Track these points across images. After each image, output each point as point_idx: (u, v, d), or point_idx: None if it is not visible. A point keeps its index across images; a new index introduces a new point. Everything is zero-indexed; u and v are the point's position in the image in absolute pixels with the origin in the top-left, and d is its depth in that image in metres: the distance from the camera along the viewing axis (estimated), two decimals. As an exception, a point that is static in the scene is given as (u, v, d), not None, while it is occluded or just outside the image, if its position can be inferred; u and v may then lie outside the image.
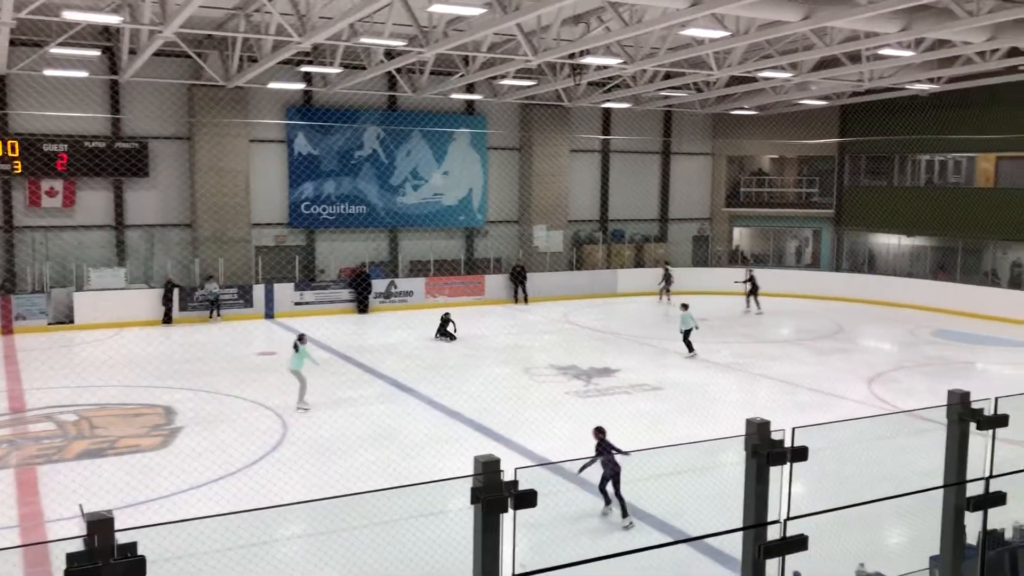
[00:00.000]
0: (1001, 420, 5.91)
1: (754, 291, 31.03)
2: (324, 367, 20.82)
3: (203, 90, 28.03)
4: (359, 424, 15.77)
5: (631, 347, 23.98)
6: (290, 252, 30.60)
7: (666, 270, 33.96)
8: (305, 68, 27.36)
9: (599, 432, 11.56)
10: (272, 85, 27.54)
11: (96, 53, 25.78)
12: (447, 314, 25.22)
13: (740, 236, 40.68)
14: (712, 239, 39.34)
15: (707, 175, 39.58)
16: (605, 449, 11.29)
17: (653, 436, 14.94)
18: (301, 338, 17.40)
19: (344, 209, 31.39)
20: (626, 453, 10.99)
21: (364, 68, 26.13)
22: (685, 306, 23.04)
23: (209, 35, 25.65)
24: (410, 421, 16.10)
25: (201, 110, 28.19)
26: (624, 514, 11.06)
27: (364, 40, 20.88)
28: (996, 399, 5.96)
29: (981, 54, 23.42)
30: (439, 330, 24.71)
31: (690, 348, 22.45)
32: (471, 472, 4.25)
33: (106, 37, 26.41)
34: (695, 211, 39.39)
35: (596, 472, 11.45)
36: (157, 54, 24.97)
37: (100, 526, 3.53)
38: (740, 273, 32.44)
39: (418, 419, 16.25)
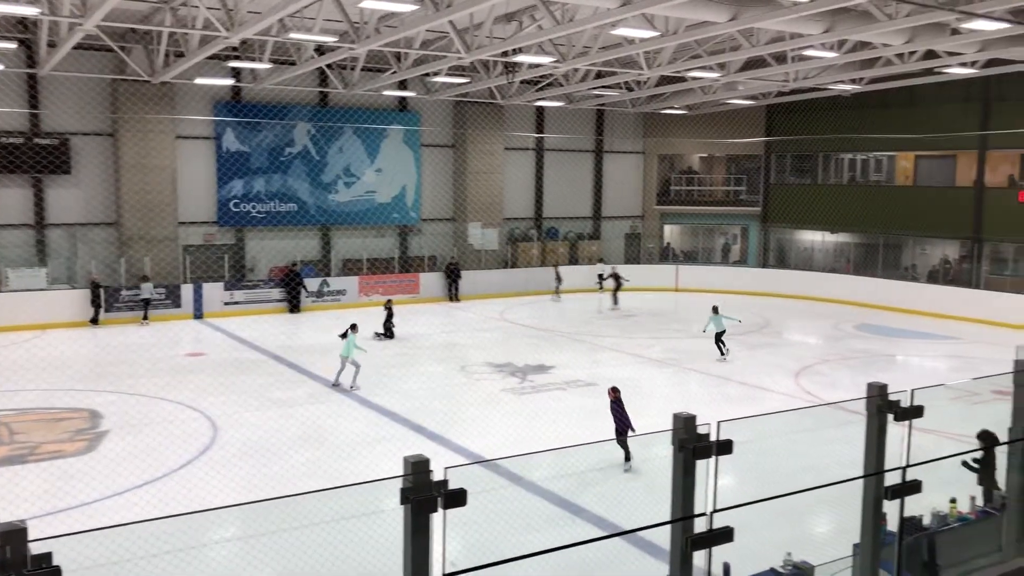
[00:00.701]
0: (916, 411, 6.12)
1: (618, 288, 31.34)
2: (255, 368, 20.48)
3: (127, 85, 27.28)
4: (291, 425, 15.55)
5: (566, 344, 24.14)
6: (219, 251, 29.99)
7: (556, 271, 33.88)
8: (233, 63, 26.83)
9: (614, 391, 13.63)
10: (199, 80, 26.94)
11: (12, 45, 24.89)
12: (389, 302, 25.06)
13: (671, 233, 41.31)
14: (644, 236, 39.86)
15: (639, 173, 40.07)
16: (617, 408, 13.34)
17: (587, 431, 15.04)
18: (353, 327, 18.96)
19: (274, 207, 30.89)
20: (632, 429, 13.02)
21: (294, 64, 25.76)
22: (716, 308, 22.29)
23: (133, 29, 24.97)
24: (343, 421, 15.93)
25: (125, 106, 27.43)
26: (627, 459, 12.97)
27: (294, 36, 20.57)
28: (912, 391, 6.17)
29: (900, 56, 24.19)
30: (384, 323, 24.42)
31: (722, 351, 21.74)
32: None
33: (23, 29, 25.51)
34: (627, 209, 39.84)
35: (535, 467, 11.50)
36: (78, 47, 24.23)
37: (12, 537, 3.41)
38: (606, 268, 33.04)
39: (352, 419, 16.09)
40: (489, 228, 35.08)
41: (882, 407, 6.03)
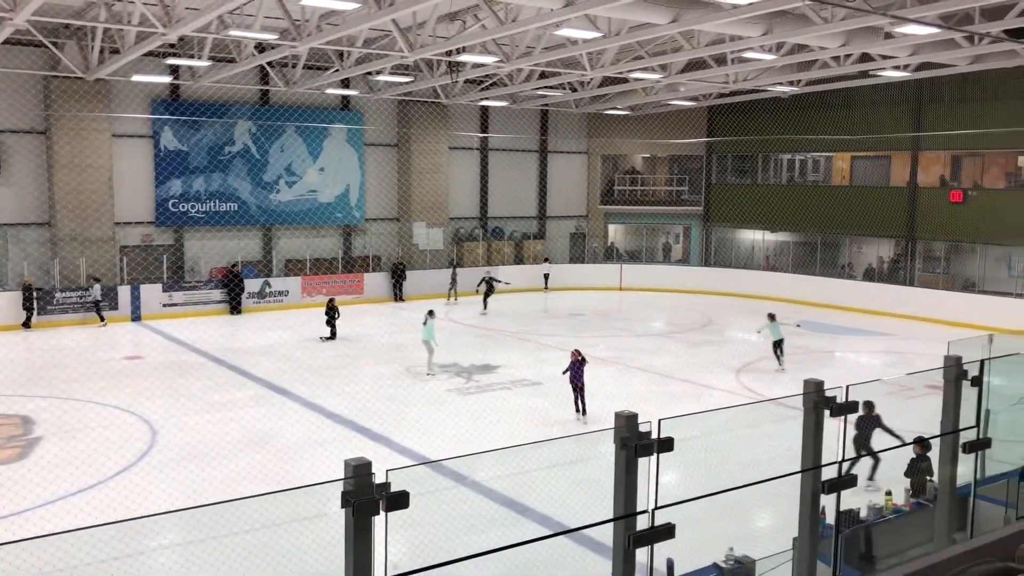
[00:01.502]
0: (852, 407, 6.27)
1: (489, 292, 30.46)
2: (195, 370, 20.12)
3: (60, 82, 26.53)
4: (233, 429, 15.30)
5: (512, 343, 24.19)
6: (158, 252, 29.38)
7: (452, 272, 32.71)
8: (172, 60, 26.32)
9: (577, 353, 16.30)
10: (136, 78, 26.35)
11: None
12: (332, 300, 24.81)
13: (615, 233, 41.66)
14: (588, 236, 40.13)
15: (583, 173, 40.32)
16: (576, 368, 15.97)
17: (534, 430, 15.11)
18: (431, 313, 20.69)
19: (214, 207, 30.38)
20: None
21: (234, 61, 25.35)
22: (772, 316, 21.32)
23: (66, 24, 24.31)
24: (286, 424, 15.74)
25: (59, 103, 26.68)
26: (582, 412, 15.86)
27: (234, 33, 20.23)
28: (847, 387, 6.32)
29: (836, 59, 24.75)
30: (328, 322, 24.22)
31: (780, 360, 20.77)
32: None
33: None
34: (572, 209, 40.07)
35: (480, 467, 11.50)
36: (8, 42, 23.52)
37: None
38: (491, 273, 31.89)
39: (295, 422, 15.91)
40: (434, 228, 34.98)
41: (818, 403, 6.16)
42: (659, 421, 5.22)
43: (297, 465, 13.33)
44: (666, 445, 5.14)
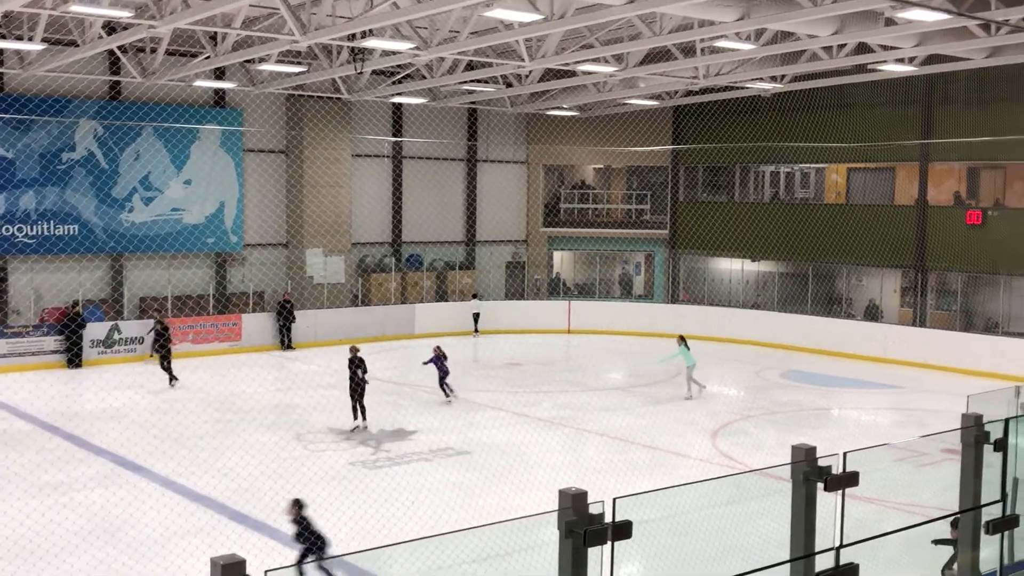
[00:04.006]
0: (851, 479, 6.38)
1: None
2: (21, 442, 19.56)
3: None
4: (71, 517, 14.95)
5: (432, 401, 24.12)
6: (-27, 288, 28.65)
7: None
8: (-7, 43, 25.86)
9: (439, 349, 23.45)
10: (-54, 64, 25.81)
11: None
12: (159, 322, 25.58)
13: (561, 261, 41.99)
14: (528, 266, 40.35)
15: (521, 188, 40.63)
16: (439, 362, 22.96)
17: (460, 512, 15.04)
18: (682, 338, 24.92)
19: (48, 229, 29.77)
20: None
21: (76, 45, 25.03)
22: (682, 339, 24.92)
23: None
24: (142, 510, 15.45)
25: None
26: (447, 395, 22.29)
27: (76, 9, 19.99)
28: (844, 454, 6.44)
29: (828, 49, 25.50)
30: (155, 343, 25.19)
31: (692, 387, 24.20)
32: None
33: None
34: (508, 232, 40.31)
35: (391, 562, 11.36)
36: None
37: None
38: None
39: (152, 507, 15.63)
40: (333, 256, 34.78)
41: (810, 475, 6.26)
42: (614, 500, 5.23)
43: (156, 563, 13.06)
44: (623, 531, 5.16)
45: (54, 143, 29.86)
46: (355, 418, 20.99)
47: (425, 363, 23.84)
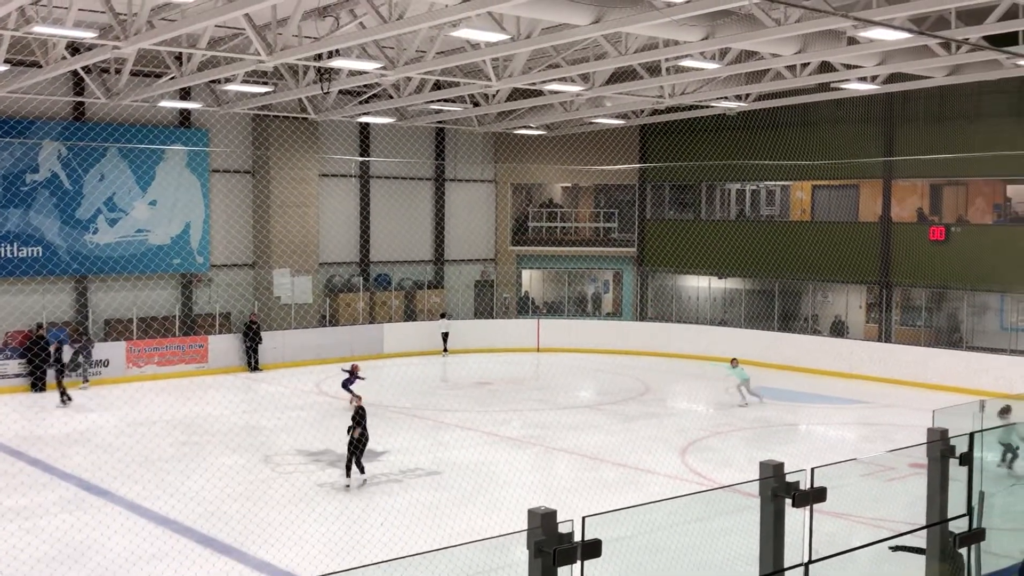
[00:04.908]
0: (819, 494, 6.41)
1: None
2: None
3: None
4: (35, 542, 14.78)
5: (402, 422, 24.03)
6: (-66, 311, 28.30)
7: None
8: (-45, 63, 25.63)
9: (355, 367, 24.87)
10: (-94, 85, 25.55)
11: None
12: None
13: (530, 280, 42.05)
14: (497, 285, 40.37)
15: (489, 207, 40.70)
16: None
17: (431, 533, 15.00)
18: (733, 361, 26.32)
19: (11, 251, 29.47)
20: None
21: (40, 66, 24.86)
22: (735, 361, 25.80)
23: None
24: (107, 535, 15.28)
25: None
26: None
27: (39, 29, 19.87)
28: (812, 470, 6.47)
29: (791, 68, 25.77)
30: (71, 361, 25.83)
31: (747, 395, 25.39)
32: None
33: None
34: (477, 251, 40.33)
35: None
36: None
37: None
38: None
39: (118, 532, 15.47)
40: (301, 276, 34.65)
41: (778, 490, 6.29)
42: (583, 519, 5.23)
43: (120, 589, 12.88)
44: (592, 550, 5.15)
45: (17, 164, 29.60)
46: (348, 475, 18.30)
47: (345, 385, 25.04)
